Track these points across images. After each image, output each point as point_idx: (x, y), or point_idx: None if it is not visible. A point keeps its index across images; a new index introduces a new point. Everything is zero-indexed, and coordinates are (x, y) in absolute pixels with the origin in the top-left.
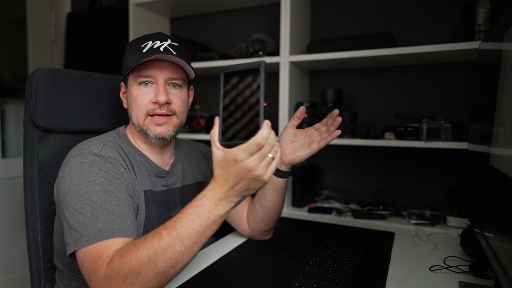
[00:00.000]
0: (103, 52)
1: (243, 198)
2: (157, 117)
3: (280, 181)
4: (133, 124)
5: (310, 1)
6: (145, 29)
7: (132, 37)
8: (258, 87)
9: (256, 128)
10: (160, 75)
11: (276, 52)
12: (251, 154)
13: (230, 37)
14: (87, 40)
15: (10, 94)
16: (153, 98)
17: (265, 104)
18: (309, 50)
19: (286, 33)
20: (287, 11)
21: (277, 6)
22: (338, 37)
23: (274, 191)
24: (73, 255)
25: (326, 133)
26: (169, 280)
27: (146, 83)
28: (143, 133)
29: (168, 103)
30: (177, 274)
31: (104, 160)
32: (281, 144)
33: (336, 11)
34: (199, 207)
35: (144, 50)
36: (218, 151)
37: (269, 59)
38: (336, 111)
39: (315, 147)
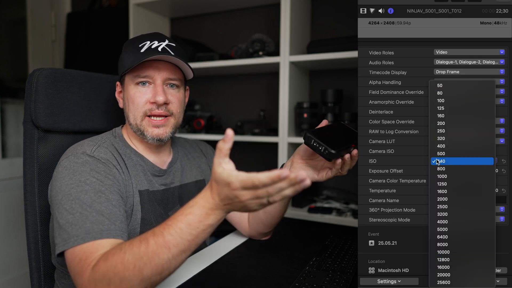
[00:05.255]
0: (103, 52)
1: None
2: (155, 118)
3: None
4: (130, 124)
5: (310, 1)
6: (145, 29)
7: (132, 37)
8: (355, 139)
9: (331, 147)
10: (158, 76)
11: (276, 52)
12: (245, 189)
13: (230, 37)
14: (87, 40)
15: (10, 94)
16: (151, 98)
17: (351, 150)
18: (309, 50)
19: (286, 33)
20: (287, 11)
21: (277, 6)
22: (338, 37)
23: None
24: (62, 255)
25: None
26: (155, 286)
27: (144, 83)
28: (140, 134)
29: (166, 103)
30: (163, 279)
31: (96, 161)
32: (295, 155)
33: (336, 11)
34: (190, 215)
35: (142, 50)
36: (218, 166)
37: (269, 59)
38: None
39: (323, 175)
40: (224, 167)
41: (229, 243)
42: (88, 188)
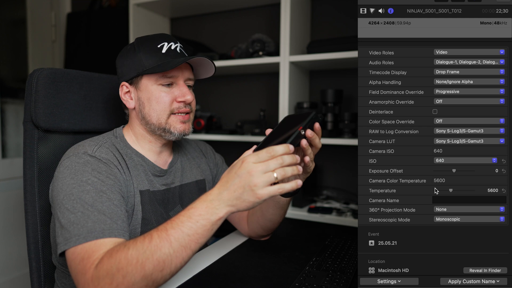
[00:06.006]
0: (103, 52)
1: (236, 210)
2: (181, 114)
3: (283, 199)
4: (151, 124)
5: (310, 1)
6: (145, 29)
7: (132, 37)
8: (303, 120)
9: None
10: (182, 76)
11: (276, 52)
12: (259, 160)
13: (230, 37)
14: (87, 40)
15: (10, 94)
16: (177, 97)
17: (302, 132)
18: (309, 50)
19: (286, 33)
20: (287, 11)
21: (277, 6)
22: (338, 37)
23: (277, 207)
24: (63, 254)
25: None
26: (157, 285)
27: (169, 84)
28: (162, 131)
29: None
30: (165, 280)
31: (98, 161)
32: None
33: (336, 10)
34: (191, 209)
35: (163, 51)
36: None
37: (269, 59)
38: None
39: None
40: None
41: (229, 243)
42: (89, 188)
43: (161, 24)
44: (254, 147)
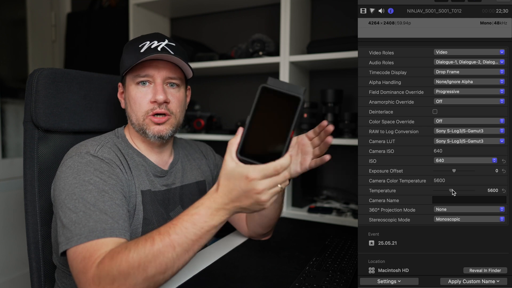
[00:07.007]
0: (103, 52)
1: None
2: (157, 116)
3: None
4: (132, 124)
5: (310, 1)
6: (145, 29)
7: (132, 37)
8: (293, 117)
9: (278, 156)
10: (158, 75)
11: (276, 52)
12: (266, 177)
13: (230, 37)
14: (87, 40)
15: (10, 94)
16: (151, 98)
17: (293, 137)
18: (309, 50)
19: (286, 33)
20: (287, 11)
21: (277, 6)
22: (338, 37)
23: None
24: (64, 254)
25: (318, 149)
26: (158, 285)
27: (144, 83)
28: (142, 132)
29: (166, 102)
30: (166, 280)
31: (100, 161)
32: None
33: (336, 10)
34: (195, 215)
35: (142, 50)
36: (231, 161)
37: (269, 59)
38: (324, 122)
39: (306, 166)
40: (236, 161)
41: (229, 243)
42: (91, 187)
43: (161, 24)
44: (238, 135)
